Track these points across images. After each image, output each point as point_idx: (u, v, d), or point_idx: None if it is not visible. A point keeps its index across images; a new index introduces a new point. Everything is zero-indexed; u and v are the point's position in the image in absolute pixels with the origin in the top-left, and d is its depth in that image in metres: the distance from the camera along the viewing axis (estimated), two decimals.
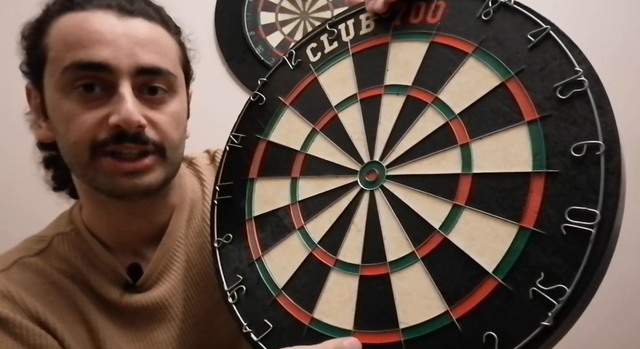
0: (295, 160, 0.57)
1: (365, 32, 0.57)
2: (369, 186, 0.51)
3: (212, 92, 1.43)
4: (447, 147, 0.47)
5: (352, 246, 0.49)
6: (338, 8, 1.50)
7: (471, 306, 0.41)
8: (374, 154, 0.51)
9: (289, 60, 0.62)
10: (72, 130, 0.53)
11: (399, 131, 0.51)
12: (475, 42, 0.48)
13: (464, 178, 0.45)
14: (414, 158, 0.49)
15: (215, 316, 0.65)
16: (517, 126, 0.44)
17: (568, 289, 0.37)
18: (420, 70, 0.51)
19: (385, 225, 0.48)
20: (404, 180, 0.49)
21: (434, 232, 0.45)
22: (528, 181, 0.42)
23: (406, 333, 0.44)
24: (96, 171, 0.54)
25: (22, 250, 0.60)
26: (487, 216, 0.43)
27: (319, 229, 0.52)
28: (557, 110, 0.42)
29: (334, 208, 0.52)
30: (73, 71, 0.52)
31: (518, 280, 0.40)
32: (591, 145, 0.40)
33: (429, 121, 0.49)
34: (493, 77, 0.46)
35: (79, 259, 0.60)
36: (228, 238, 0.58)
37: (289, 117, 0.59)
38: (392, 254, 0.47)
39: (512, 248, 0.41)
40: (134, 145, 0.54)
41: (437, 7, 0.53)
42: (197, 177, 0.71)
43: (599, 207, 0.38)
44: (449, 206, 0.45)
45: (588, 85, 0.41)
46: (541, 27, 0.45)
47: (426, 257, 0.45)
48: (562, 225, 0.39)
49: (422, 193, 0.47)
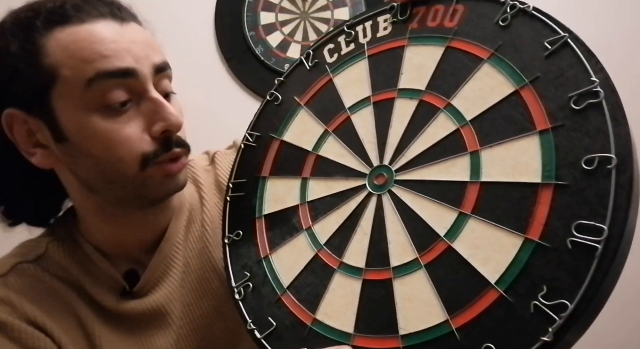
0: (306, 160, 0.57)
1: (383, 34, 0.57)
2: (377, 189, 0.50)
3: (212, 92, 1.45)
4: (456, 154, 0.46)
5: (357, 249, 0.49)
6: (338, 8, 1.50)
7: (471, 316, 0.41)
8: (384, 158, 0.51)
9: (306, 60, 0.62)
10: (116, 147, 0.52)
11: (409, 135, 0.50)
12: (492, 48, 0.48)
13: (471, 186, 0.45)
14: (423, 164, 0.48)
15: (214, 322, 0.65)
16: (529, 135, 0.43)
17: (570, 305, 0.36)
18: (435, 74, 0.51)
19: (390, 229, 0.48)
20: (412, 185, 0.48)
21: (438, 239, 0.45)
22: (536, 192, 0.41)
23: (405, 339, 0.43)
24: (144, 181, 0.55)
25: (19, 255, 0.60)
26: (493, 226, 0.42)
27: (326, 230, 0.52)
28: (570, 121, 0.41)
29: (342, 210, 0.52)
30: (100, 82, 0.51)
31: (520, 292, 0.39)
32: (603, 158, 0.39)
33: (440, 127, 0.48)
34: (507, 84, 0.46)
35: (75, 265, 0.60)
36: (238, 234, 0.59)
37: (303, 117, 0.59)
38: (396, 259, 0.46)
39: (516, 260, 0.40)
40: (181, 149, 0.55)
41: (455, 11, 0.52)
42: (193, 180, 0.70)
43: (607, 222, 0.37)
44: (455, 214, 0.45)
45: (603, 96, 0.40)
46: (559, 34, 0.44)
47: (429, 264, 0.44)
48: (568, 239, 0.38)
49: (429, 199, 0.47)
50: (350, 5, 1.51)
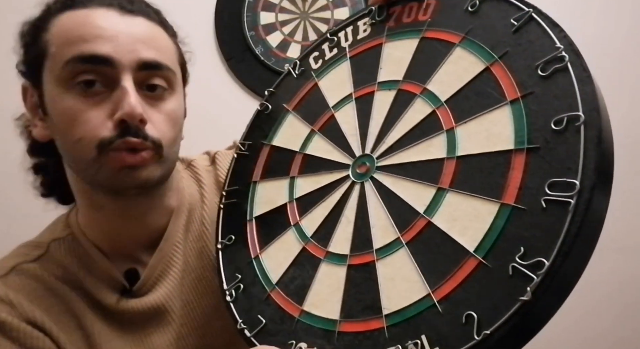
0: (294, 160, 0.58)
1: (362, 36, 0.59)
2: (359, 178, 0.51)
3: (211, 91, 1.44)
4: (433, 134, 0.47)
5: (342, 238, 0.49)
6: (338, 8, 1.50)
7: (452, 286, 0.40)
8: (365, 147, 0.52)
9: (293, 69, 0.64)
10: (76, 128, 0.53)
11: (389, 123, 0.51)
12: (462, 32, 0.49)
13: (448, 162, 0.45)
14: (402, 148, 0.49)
15: (214, 321, 0.65)
16: (500, 106, 0.43)
17: (547, 261, 0.35)
18: (411, 64, 0.52)
19: (373, 214, 0.48)
20: (392, 170, 0.48)
21: (418, 216, 0.44)
22: (509, 159, 0.41)
23: (389, 318, 0.42)
24: (100, 167, 0.55)
25: (19, 256, 0.61)
26: (470, 197, 0.42)
27: (312, 223, 0.52)
28: (539, 87, 0.41)
29: (327, 202, 0.52)
30: (74, 64, 0.53)
31: (498, 256, 0.38)
32: (571, 116, 0.38)
33: (417, 111, 0.49)
34: (478, 63, 0.46)
35: (76, 265, 0.60)
36: (230, 239, 0.59)
37: (291, 121, 0.61)
38: (379, 241, 0.46)
39: (493, 226, 0.39)
40: (136, 139, 0.54)
41: (428, 5, 0.54)
42: (196, 180, 0.71)
43: (579, 177, 0.36)
44: (434, 190, 0.44)
45: (568, 60, 0.40)
46: (524, 10, 0.45)
47: (410, 242, 0.44)
48: (541, 198, 0.38)
49: (409, 180, 0.47)
50: (350, 5, 1.51)
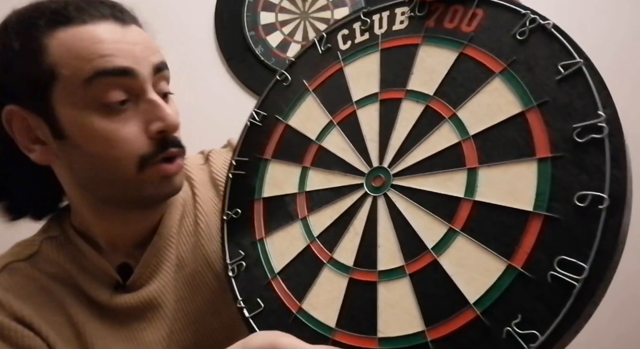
0: (309, 149, 0.57)
1: (398, 28, 0.55)
2: (373, 191, 0.51)
3: (211, 91, 1.46)
4: (455, 168, 0.47)
5: (347, 247, 0.51)
6: (338, 8, 1.50)
7: (447, 331, 0.42)
8: (384, 159, 0.51)
9: (319, 43, 0.61)
10: (113, 148, 0.53)
11: (412, 140, 0.50)
12: (505, 62, 0.47)
13: (464, 203, 0.45)
14: (421, 172, 0.49)
15: (208, 317, 0.65)
16: (528, 161, 0.43)
17: (541, 336, 0.38)
18: (445, 81, 0.50)
19: (382, 233, 0.49)
20: (407, 193, 0.49)
21: (426, 251, 0.46)
22: (526, 220, 0.42)
23: (383, 342, 0.45)
24: (142, 183, 0.55)
25: (11, 255, 0.61)
26: (480, 247, 0.43)
27: (320, 223, 0.54)
28: (570, 153, 0.41)
29: (337, 206, 0.53)
30: (98, 80, 0.52)
31: (496, 316, 0.41)
32: (596, 197, 0.39)
33: (443, 137, 0.48)
34: (515, 104, 0.45)
35: (68, 262, 0.61)
36: (237, 213, 0.60)
37: (309, 103, 0.59)
38: (383, 264, 0.48)
39: (497, 284, 0.41)
40: (176, 149, 0.56)
41: (474, 15, 0.50)
42: (186, 176, 0.70)
43: (589, 263, 0.38)
44: (445, 228, 0.45)
45: (607, 133, 0.40)
46: (575, 59, 0.43)
47: (414, 274, 0.46)
48: (549, 272, 0.39)
49: (422, 209, 0.47)
50: (350, 5, 1.51)
